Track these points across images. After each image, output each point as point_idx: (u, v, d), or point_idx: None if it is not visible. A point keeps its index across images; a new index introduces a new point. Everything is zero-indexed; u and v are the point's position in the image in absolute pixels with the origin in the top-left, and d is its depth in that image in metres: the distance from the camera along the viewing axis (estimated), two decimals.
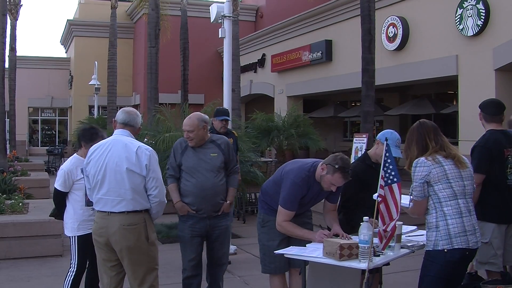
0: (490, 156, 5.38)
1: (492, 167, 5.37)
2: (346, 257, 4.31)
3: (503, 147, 5.47)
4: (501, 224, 5.39)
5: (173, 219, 10.57)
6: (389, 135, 5.40)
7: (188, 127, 5.91)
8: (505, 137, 5.55)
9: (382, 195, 4.31)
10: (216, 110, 8.65)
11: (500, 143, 5.47)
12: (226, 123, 8.49)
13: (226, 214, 6.14)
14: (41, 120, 43.74)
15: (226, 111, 8.70)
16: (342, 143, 27.45)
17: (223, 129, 8.40)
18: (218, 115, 8.49)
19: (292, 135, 17.53)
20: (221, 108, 8.83)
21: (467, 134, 14.25)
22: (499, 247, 5.37)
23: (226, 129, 8.47)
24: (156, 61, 21.10)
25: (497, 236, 5.36)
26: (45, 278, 7.71)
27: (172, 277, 7.44)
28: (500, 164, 5.45)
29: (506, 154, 5.49)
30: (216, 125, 8.41)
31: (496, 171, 5.39)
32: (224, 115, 8.50)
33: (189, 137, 5.93)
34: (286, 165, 5.38)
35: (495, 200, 5.25)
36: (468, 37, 15.01)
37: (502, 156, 5.46)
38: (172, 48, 28.11)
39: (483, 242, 5.15)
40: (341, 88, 21.70)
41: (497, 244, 5.35)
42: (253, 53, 28.98)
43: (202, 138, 5.96)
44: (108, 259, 4.90)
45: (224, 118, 8.45)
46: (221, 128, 8.39)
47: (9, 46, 24.41)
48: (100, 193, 4.82)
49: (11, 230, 8.77)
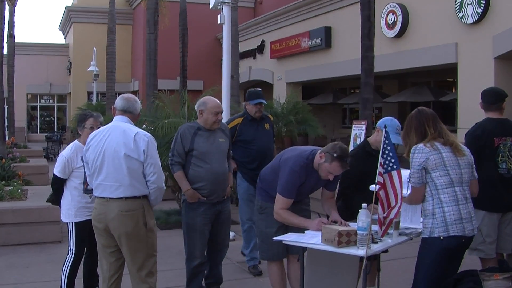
0: (477, 145, 5.37)
1: (483, 156, 5.36)
2: (344, 244, 4.32)
3: (494, 135, 5.48)
4: (492, 213, 5.44)
5: (172, 206, 10.62)
6: (388, 122, 5.42)
7: (220, 108, 5.99)
8: (501, 126, 5.55)
9: (381, 182, 4.32)
10: (248, 93, 7.34)
11: (490, 131, 5.48)
12: (261, 106, 7.21)
13: (228, 198, 6.26)
14: (40, 106, 43.71)
15: (259, 93, 7.33)
16: (341, 130, 27.45)
17: (258, 113, 7.18)
18: (251, 98, 7.20)
19: (291, 121, 17.50)
20: (254, 90, 7.39)
21: (466, 122, 14.21)
22: (488, 235, 5.42)
23: (261, 112, 7.25)
24: (155, 48, 21.04)
25: (487, 224, 5.41)
26: (44, 264, 7.73)
27: (171, 263, 7.47)
28: (490, 153, 5.47)
29: (497, 142, 5.49)
30: (250, 109, 7.19)
31: (486, 159, 5.39)
32: (258, 97, 7.21)
33: (219, 119, 5.98)
34: (284, 152, 5.38)
35: (486, 188, 5.22)
36: (467, 24, 14.97)
37: (492, 145, 5.48)
38: (171, 35, 27.99)
39: None
40: (340, 75, 21.69)
41: (486, 232, 5.40)
42: (252, 39, 28.91)
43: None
44: (108, 245, 4.92)
45: (259, 101, 7.16)
46: (256, 113, 7.17)
47: (7, 33, 24.34)
48: (99, 179, 4.83)
49: (10, 217, 8.78)
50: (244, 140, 7.10)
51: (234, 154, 7.22)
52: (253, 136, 7.10)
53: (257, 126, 7.18)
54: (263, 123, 7.27)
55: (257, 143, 7.09)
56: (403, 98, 20.89)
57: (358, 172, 5.31)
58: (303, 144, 11.76)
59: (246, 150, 7.09)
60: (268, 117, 7.51)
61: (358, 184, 5.38)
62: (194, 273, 6.05)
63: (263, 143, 7.13)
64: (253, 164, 7.01)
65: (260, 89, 7.57)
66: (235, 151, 7.18)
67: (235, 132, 7.08)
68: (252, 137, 7.10)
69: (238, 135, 7.10)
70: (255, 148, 7.06)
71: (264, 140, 7.17)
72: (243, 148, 7.11)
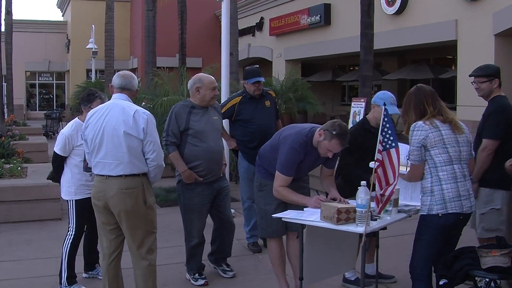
0: (508, 123, 5.19)
1: (508, 134, 5.19)
2: (344, 221, 4.34)
3: None
4: (508, 191, 5.30)
5: (171, 183, 10.61)
6: (381, 95, 5.46)
7: (216, 83, 5.98)
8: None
9: (380, 159, 4.33)
10: (246, 72, 7.17)
11: None
12: (259, 85, 7.04)
13: (224, 175, 6.30)
14: (39, 84, 43.52)
15: (257, 71, 7.15)
16: (340, 107, 27.43)
17: (257, 91, 7.05)
18: (249, 77, 7.04)
19: (290, 99, 17.48)
20: (251, 69, 7.22)
21: (465, 99, 14.21)
22: (507, 214, 5.33)
23: (261, 91, 7.09)
24: (154, 25, 20.94)
25: (506, 202, 5.29)
26: (44, 242, 7.77)
27: (171, 240, 7.51)
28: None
29: None
30: (249, 88, 7.06)
31: (508, 138, 5.21)
32: (256, 76, 7.03)
33: (216, 94, 5.97)
34: (283, 130, 5.38)
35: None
36: (467, 1, 14.89)
37: None
38: (169, 12, 27.81)
39: (495, 209, 5.16)
40: (339, 52, 21.62)
41: (506, 211, 5.30)
42: (251, 16, 28.74)
43: None
44: (108, 222, 4.94)
45: (257, 79, 7.00)
46: (255, 91, 7.04)
47: (5, 10, 24.18)
48: (98, 157, 4.84)
49: (10, 194, 8.82)
50: (243, 119, 7.06)
51: (234, 133, 7.21)
52: (252, 115, 7.04)
53: (256, 104, 7.10)
54: (263, 100, 7.18)
55: (257, 122, 7.02)
56: (403, 75, 20.83)
57: (358, 148, 5.33)
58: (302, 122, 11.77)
59: (246, 129, 7.06)
60: (269, 93, 7.36)
61: (358, 160, 5.39)
62: (193, 253, 6.09)
63: (263, 121, 7.05)
64: (253, 143, 6.97)
65: (257, 66, 7.49)
66: (234, 130, 7.17)
67: (234, 111, 7.05)
68: (251, 116, 7.04)
69: (237, 115, 7.07)
70: (254, 127, 7.01)
71: (264, 118, 7.09)
72: (242, 127, 7.09)
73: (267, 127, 7.01)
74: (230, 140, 7.31)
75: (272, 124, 7.17)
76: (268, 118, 7.19)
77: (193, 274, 6.07)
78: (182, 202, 6.06)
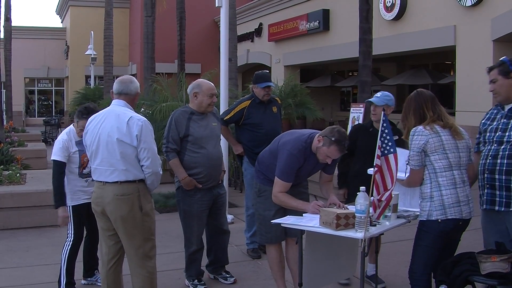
0: None
1: None
2: (343, 226, 4.33)
3: None
4: None
5: (170, 189, 10.62)
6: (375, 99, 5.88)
7: (214, 90, 5.95)
8: None
9: (378, 165, 4.33)
10: (256, 76, 7.14)
11: None
12: (269, 89, 7.06)
13: (222, 182, 6.31)
14: (38, 90, 43.49)
15: (267, 76, 7.18)
16: (339, 113, 27.45)
17: (266, 96, 7.05)
18: (259, 81, 7.03)
19: (289, 104, 17.50)
20: (261, 73, 7.21)
21: (464, 104, 14.23)
22: None
23: (270, 95, 7.13)
24: (153, 31, 20.99)
25: None
26: (43, 248, 7.76)
27: (170, 246, 7.49)
28: None
29: None
30: (258, 93, 7.04)
31: None
32: (266, 81, 7.05)
33: (213, 101, 5.94)
34: (282, 135, 5.38)
35: None
36: (466, 7, 14.91)
37: None
38: (168, 18, 27.87)
39: None
40: (338, 58, 21.63)
41: None
42: (250, 22, 28.79)
43: None
44: (107, 228, 4.94)
45: (267, 84, 7.01)
46: (264, 96, 7.03)
47: (4, 16, 24.26)
48: (95, 163, 4.86)
49: (9, 201, 8.81)
50: (252, 123, 7.03)
51: (241, 137, 7.19)
52: (261, 119, 7.02)
53: (265, 109, 7.09)
54: (270, 106, 7.17)
55: (265, 126, 7.00)
56: (401, 80, 20.87)
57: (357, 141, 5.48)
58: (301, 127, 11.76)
59: (254, 134, 7.02)
60: (275, 99, 7.37)
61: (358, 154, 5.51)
62: (192, 259, 6.09)
63: (271, 126, 7.03)
64: (260, 148, 6.85)
65: (267, 71, 7.49)
66: (242, 134, 7.14)
67: (243, 115, 7.02)
68: (260, 120, 7.02)
69: (246, 118, 7.03)
70: (263, 132, 6.96)
71: (272, 123, 7.07)
72: (250, 131, 7.05)
73: (275, 132, 6.88)
74: (237, 145, 7.27)
75: (279, 130, 7.08)
76: (276, 123, 7.18)
77: (192, 280, 6.05)
78: (181, 208, 6.05)
